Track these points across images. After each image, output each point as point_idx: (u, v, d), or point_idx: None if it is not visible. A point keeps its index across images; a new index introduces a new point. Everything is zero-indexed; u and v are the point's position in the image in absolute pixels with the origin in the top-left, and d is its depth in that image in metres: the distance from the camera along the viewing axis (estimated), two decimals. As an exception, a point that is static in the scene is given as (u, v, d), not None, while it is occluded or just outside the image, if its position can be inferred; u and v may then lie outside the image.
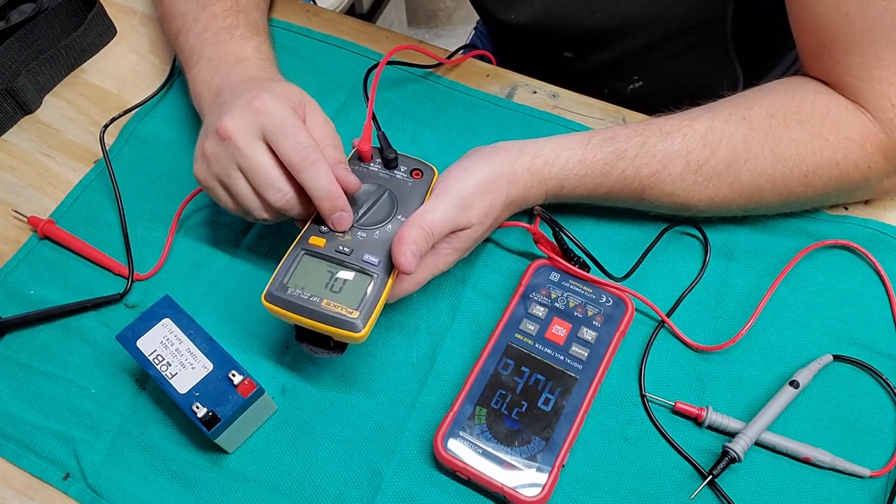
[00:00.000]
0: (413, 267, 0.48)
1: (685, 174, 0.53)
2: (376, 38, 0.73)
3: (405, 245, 0.48)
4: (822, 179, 0.53)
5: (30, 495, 0.52)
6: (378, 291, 0.49)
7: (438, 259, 0.53)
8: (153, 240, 0.62)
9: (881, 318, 0.55)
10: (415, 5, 1.88)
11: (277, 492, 0.51)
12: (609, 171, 0.54)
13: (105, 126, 0.66)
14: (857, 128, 0.52)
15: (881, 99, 0.51)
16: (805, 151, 0.52)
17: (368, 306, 0.48)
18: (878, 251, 0.57)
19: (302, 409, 0.54)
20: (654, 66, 0.75)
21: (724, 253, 0.58)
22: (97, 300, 0.58)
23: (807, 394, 0.52)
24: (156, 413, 0.54)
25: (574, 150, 0.54)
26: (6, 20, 0.69)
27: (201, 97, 0.59)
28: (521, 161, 0.53)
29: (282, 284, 0.49)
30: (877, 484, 0.50)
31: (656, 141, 0.54)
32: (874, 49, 0.50)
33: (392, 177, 0.54)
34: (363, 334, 0.47)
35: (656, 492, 0.50)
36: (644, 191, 0.55)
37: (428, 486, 0.51)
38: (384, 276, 0.49)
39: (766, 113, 0.53)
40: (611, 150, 0.54)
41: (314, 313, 0.48)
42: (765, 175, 0.53)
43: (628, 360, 0.55)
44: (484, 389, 0.52)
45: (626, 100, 0.69)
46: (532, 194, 0.55)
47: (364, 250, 0.50)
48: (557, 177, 0.54)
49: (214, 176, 0.53)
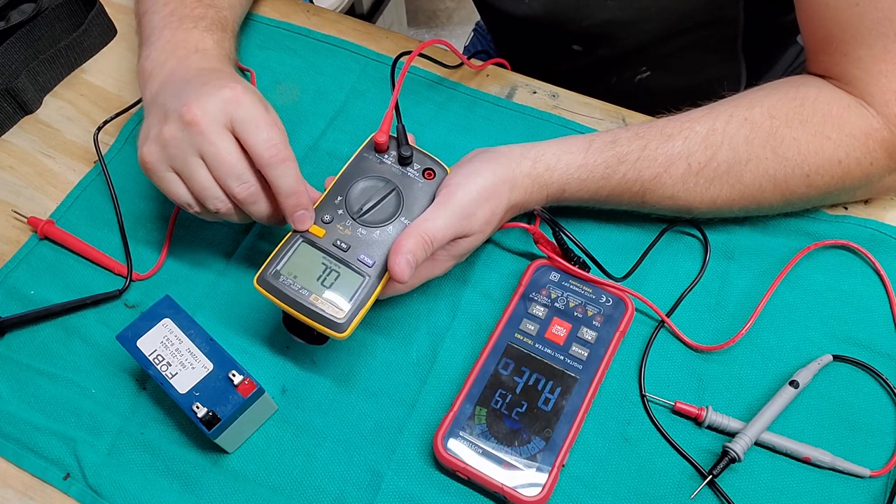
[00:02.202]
0: (407, 277, 0.48)
1: (687, 176, 0.53)
2: (376, 38, 0.73)
3: (401, 255, 0.48)
4: (824, 178, 0.53)
5: (30, 495, 0.52)
6: (367, 294, 0.49)
7: (435, 266, 0.53)
8: (153, 240, 0.62)
9: (881, 318, 0.55)
10: (415, 5, 1.88)
11: (277, 492, 0.51)
12: (610, 175, 0.54)
13: (99, 128, 0.66)
14: (860, 125, 0.52)
15: (886, 94, 0.51)
16: (807, 151, 0.52)
17: (355, 308, 0.48)
18: (878, 251, 0.57)
19: (302, 409, 0.54)
20: (663, 59, 0.74)
21: (724, 253, 0.58)
22: (97, 297, 0.58)
23: (807, 394, 0.52)
24: (156, 413, 0.54)
25: (575, 154, 0.54)
26: (6, 20, 0.69)
27: (149, 76, 0.56)
28: (522, 167, 0.53)
29: (275, 271, 0.49)
30: (877, 484, 0.50)
31: (657, 144, 0.54)
32: (883, 42, 0.50)
33: (404, 174, 0.53)
34: (346, 335, 0.48)
35: (656, 492, 0.50)
36: (645, 194, 0.55)
37: (428, 486, 0.51)
38: (376, 280, 0.50)
39: (768, 114, 0.53)
40: (612, 154, 0.54)
41: (302, 307, 0.48)
42: (766, 175, 0.53)
43: (628, 360, 0.55)
44: (484, 389, 0.52)
45: (632, 90, 0.68)
46: (533, 199, 0.55)
47: (361, 249, 0.50)
48: (559, 181, 0.54)
49: (168, 161, 0.50)
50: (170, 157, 0.50)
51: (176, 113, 0.49)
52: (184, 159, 0.50)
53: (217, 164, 0.49)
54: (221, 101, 0.49)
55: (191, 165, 0.50)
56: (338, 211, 0.52)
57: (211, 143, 0.49)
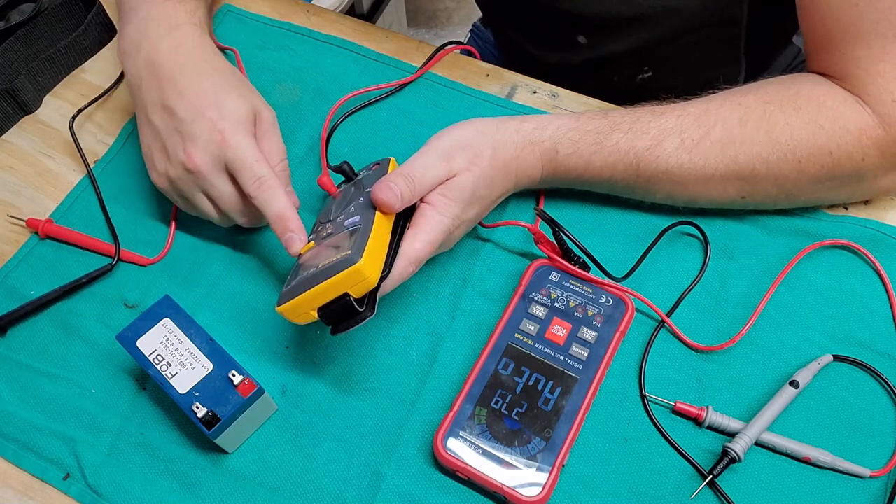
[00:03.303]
0: (389, 198, 0.49)
1: (680, 151, 0.54)
2: (376, 38, 0.73)
3: (384, 183, 0.50)
4: (814, 166, 0.53)
5: (30, 495, 0.52)
6: (366, 230, 0.48)
7: (438, 211, 0.52)
8: (153, 240, 0.62)
9: (881, 318, 0.55)
10: (415, 5, 1.88)
11: (277, 492, 0.51)
12: (603, 141, 0.55)
13: (73, 116, 0.67)
14: (855, 119, 0.52)
15: (883, 93, 0.52)
16: (799, 137, 0.53)
17: (359, 242, 0.47)
18: (878, 251, 0.57)
19: (302, 409, 0.54)
20: (666, 59, 0.75)
21: (724, 253, 0.58)
22: (91, 274, 0.59)
23: (807, 394, 0.52)
24: (156, 413, 0.54)
25: (566, 119, 0.56)
26: (6, 20, 0.69)
27: (126, 56, 0.60)
28: (508, 124, 0.55)
29: (287, 287, 0.50)
30: (877, 484, 0.50)
31: (650, 118, 0.55)
32: (882, 42, 0.51)
33: (357, 182, 0.57)
34: (363, 265, 0.46)
35: (656, 492, 0.50)
36: (640, 166, 0.55)
37: (428, 486, 0.51)
38: (369, 223, 0.49)
39: (762, 99, 0.54)
40: (604, 122, 0.56)
41: (315, 278, 0.47)
42: (760, 158, 0.53)
43: (628, 360, 0.55)
44: (484, 389, 0.52)
45: (634, 89, 0.68)
46: (526, 158, 0.55)
47: (345, 221, 0.52)
48: (551, 139, 0.55)
49: (178, 193, 0.58)
50: (179, 191, 0.58)
51: (178, 159, 0.56)
52: (192, 194, 0.57)
53: (220, 202, 0.57)
54: (215, 146, 0.55)
55: (198, 199, 0.58)
56: (317, 229, 0.55)
57: (213, 186, 0.56)
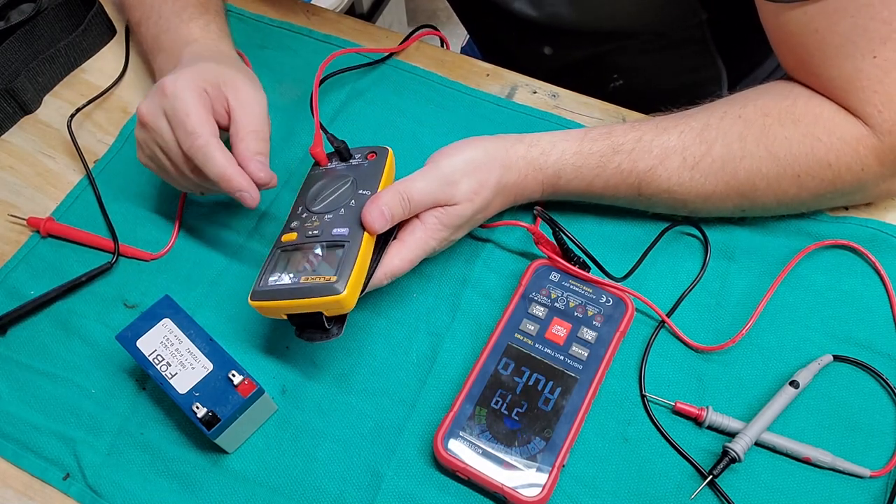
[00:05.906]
0: (378, 224, 0.49)
1: (682, 170, 0.54)
2: (376, 38, 0.73)
3: (376, 205, 0.49)
4: (814, 181, 0.53)
5: (30, 495, 0.52)
6: (352, 253, 0.49)
7: (427, 233, 0.52)
8: (153, 239, 0.62)
9: (881, 318, 0.55)
10: (415, 5, 1.88)
11: (277, 492, 0.51)
12: (605, 164, 0.55)
13: (72, 115, 0.67)
14: (850, 130, 0.52)
15: (867, 107, 0.51)
16: (798, 151, 0.52)
17: (345, 269, 0.48)
18: (879, 251, 0.57)
19: (302, 409, 0.54)
20: (632, 64, 0.75)
21: (724, 253, 0.58)
22: (91, 272, 0.59)
23: (807, 394, 0.52)
24: (156, 413, 0.54)
25: (571, 142, 0.55)
26: (6, 20, 0.69)
27: None
28: (516, 148, 0.55)
29: (263, 281, 0.50)
30: (877, 484, 0.50)
31: (653, 136, 0.54)
32: (851, 62, 0.50)
33: (348, 166, 0.56)
34: (346, 296, 0.47)
35: (656, 492, 0.50)
36: (641, 186, 0.55)
37: (428, 486, 0.51)
38: (356, 243, 0.49)
39: (761, 111, 0.54)
40: (607, 143, 0.55)
41: (295, 292, 0.48)
42: (760, 173, 0.53)
43: (628, 360, 0.55)
44: (484, 389, 0.52)
45: (608, 99, 0.68)
46: (528, 184, 0.55)
47: (332, 227, 0.51)
48: (554, 166, 0.55)
49: (149, 158, 0.57)
50: (148, 155, 0.57)
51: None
52: (153, 154, 0.56)
53: (170, 154, 0.54)
54: (158, 96, 0.53)
55: (159, 158, 0.56)
56: (302, 215, 0.53)
57: (159, 136, 0.54)
